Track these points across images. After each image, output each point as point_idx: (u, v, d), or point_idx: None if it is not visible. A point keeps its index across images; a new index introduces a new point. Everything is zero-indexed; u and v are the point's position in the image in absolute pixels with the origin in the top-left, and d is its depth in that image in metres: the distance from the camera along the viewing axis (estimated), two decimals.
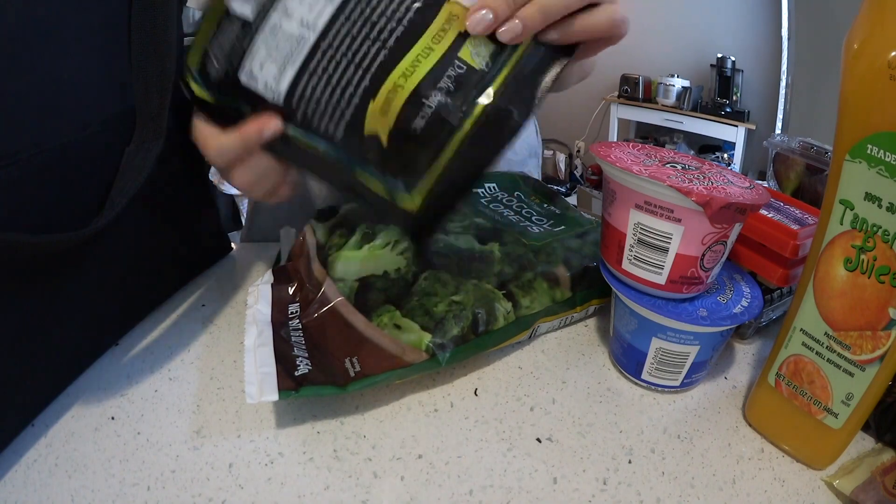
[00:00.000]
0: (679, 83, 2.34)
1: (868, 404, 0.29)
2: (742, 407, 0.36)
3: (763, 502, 0.30)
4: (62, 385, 0.35)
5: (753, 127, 2.22)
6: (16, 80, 0.28)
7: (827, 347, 0.30)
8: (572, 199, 2.70)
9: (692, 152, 2.35)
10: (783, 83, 2.14)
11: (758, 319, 0.42)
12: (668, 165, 0.34)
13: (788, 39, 2.08)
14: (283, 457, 0.31)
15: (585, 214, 0.51)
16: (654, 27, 2.31)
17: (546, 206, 0.51)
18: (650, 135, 2.59)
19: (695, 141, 2.44)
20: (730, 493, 0.30)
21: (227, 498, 0.29)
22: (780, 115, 2.18)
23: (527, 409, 0.35)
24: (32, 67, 0.29)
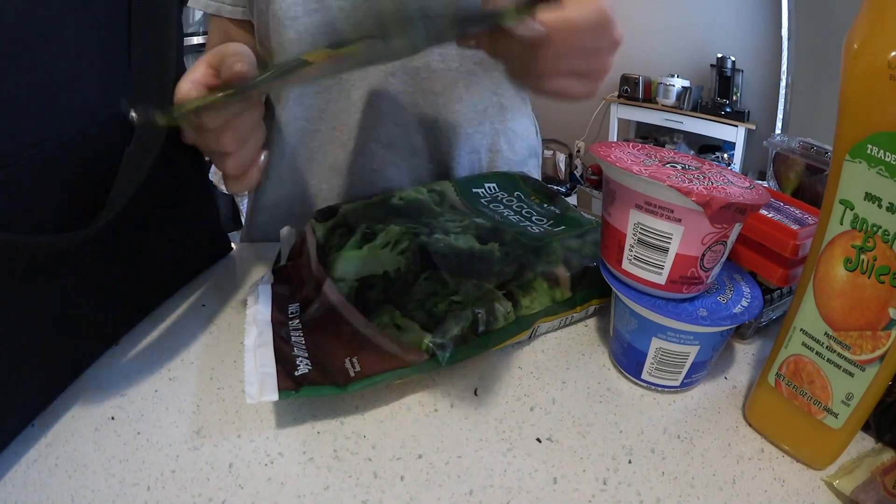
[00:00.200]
0: (679, 83, 2.35)
1: (868, 404, 0.29)
2: (742, 407, 0.36)
3: (763, 502, 0.30)
4: (62, 385, 0.35)
5: (753, 127, 2.22)
6: (16, 80, 0.28)
7: (827, 347, 0.30)
8: (572, 199, 2.70)
9: (692, 152, 2.35)
10: (783, 83, 2.14)
11: (758, 319, 0.42)
12: (668, 165, 0.34)
13: (788, 39, 2.09)
14: (283, 457, 0.31)
15: (585, 214, 0.51)
16: (654, 27, 2.31)
17: (546, 206, 0.51)
18: (650, 135, 2.59)
19: (695, 141, 2.44)
20: (730, 493, 0.30)
21: (227, 498, 0.29)
22: (780, 115, 2.18)
23: (527, 409, 0.36)
24: (32, 67, 0.29)
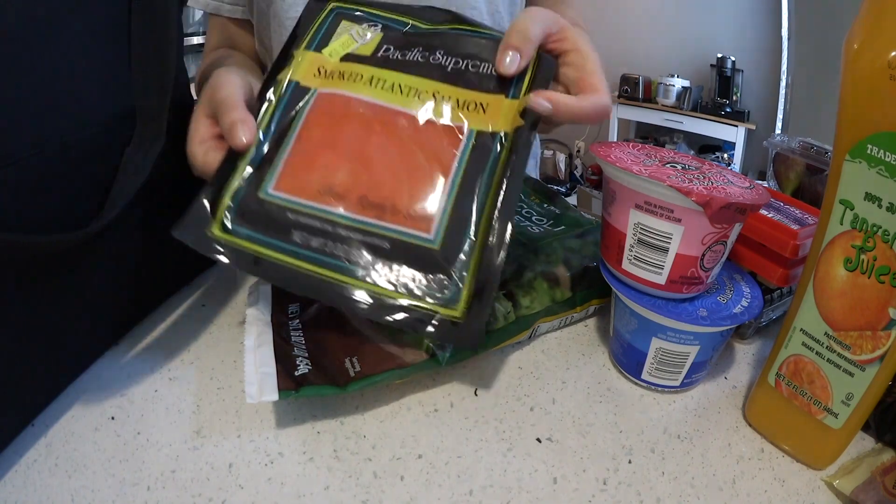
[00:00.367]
0: (679, 83, 2.34)
1: (868, 404, 0.29)
2: (742, 407, 0.36)
3: (763, 502, 0.30)
4: (62, 385, 0.35)
5: (753, 127, 2.22)
6: (16, 80, 0.28)
7: (827, 347, 0.30)
8: (572, 199, 2.70)
9: (692, 152, 2.35)
10: (783, 83, 2.14)
11: (758, 319, 0.42)
12: (668, 165, 0.34)
13: (788, 39, 2.08)
14: (283, 457, 0.31)
15: (585, 214, 0.51)
16: (654, 27, 2.31)
17: (546, 206, 0.51)
18: (650, 135, 2.59)
19: (695, 141, 2.44)
20: (730, 493, 0.30)
21: (227, 498, 0.29)
22: (780, 115, 2.18)
23: (527, 409, 0.35)
24: (32, 67, 0.29)
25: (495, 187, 0.34)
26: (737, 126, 2.23)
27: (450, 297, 0.32)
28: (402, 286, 0.32)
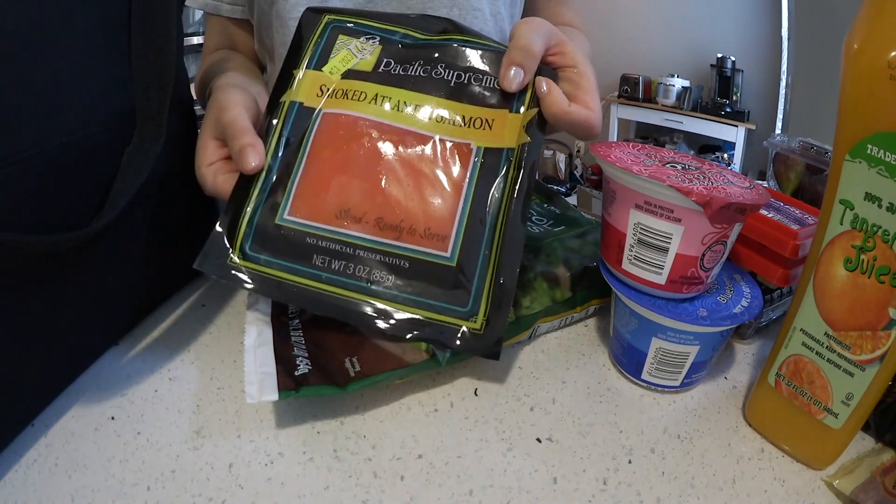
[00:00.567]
0: (679, 83, 2.34)
1: (868, 404, 0.29)
2: (742, 407, 0.36)
3: (763, 502, 0.30)
4: (62, 385, 0.35)
5: (753, 127, 2.22)
6: (16, 80, 0.28)
7: (827, 347, 0.30)
8: (572, 199, 2.68)
9: (692, 152, 2.35)
10: (783, 83, 2.14)
11: (758, 319, 0.42)
12: (668, 165, 0.34)
13: (788, 39, 2.08)
14: (283, 457, 0.31)
15: (585, 214, 0.51)
16: (654, 27, 2.31)
17: (546, 206, 0.51)
18: (650, 135, 2.58)
19: (695, 141, 2.44)
20: (730, 493, 0.30)
21: (227, 498, 0.29)
22: (780, 115, 2.18)
23: (527, 409, 0.35)
24: (32, 67, 0.29)
25: (506, 202, 0.35)
26: (737, 126, 2.23)
27: (469, 310, 0.34)
28: (423, 303, 0.34)
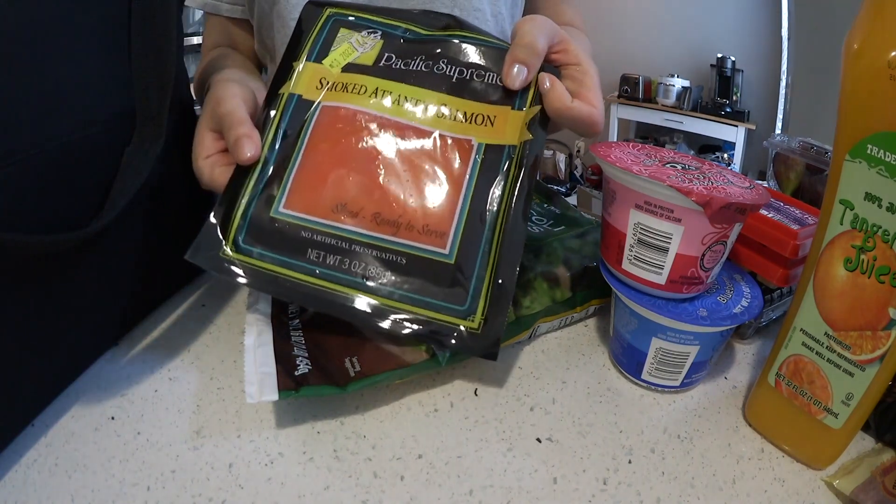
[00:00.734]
0: (679, 83, 2.34)
1: (868, 404, 0.29)
2: (742, 407, 0.36)
3: (763, 502, 0.30)
4: (62, 385, 0.35)
5: (753, 127, 2.22)
6: (16, 80, 0.28)
7: (827, 347, 0.30)
8: (572, 199, 2.69)
9: (692, 152, 2.35)
10: (783, 83, 2.14)
11: (758, 319, 0.42)
12: (668, 165, 0.34)
13: (788, 39, 2.08)
14: (283, 457, 0.31)
15: (585, 214, 0.51)
16: (654, 27, 2.31)
17: (546, 206, 0.51)
18: (650, 135, 2.58)
19: (695, 141, 2.44)
20: (730, 493, 0.30)
21: (227, 498, 0.29)
22: (780, 115, 2.18)
23: (527, 409, 0.35)
24: (32, 67, 0.29)
25: (507, 200, 0.35)
26: (737, 126, 2.23)
27: (466, 309, 0.33)
28: (420, 301, 0.33)
